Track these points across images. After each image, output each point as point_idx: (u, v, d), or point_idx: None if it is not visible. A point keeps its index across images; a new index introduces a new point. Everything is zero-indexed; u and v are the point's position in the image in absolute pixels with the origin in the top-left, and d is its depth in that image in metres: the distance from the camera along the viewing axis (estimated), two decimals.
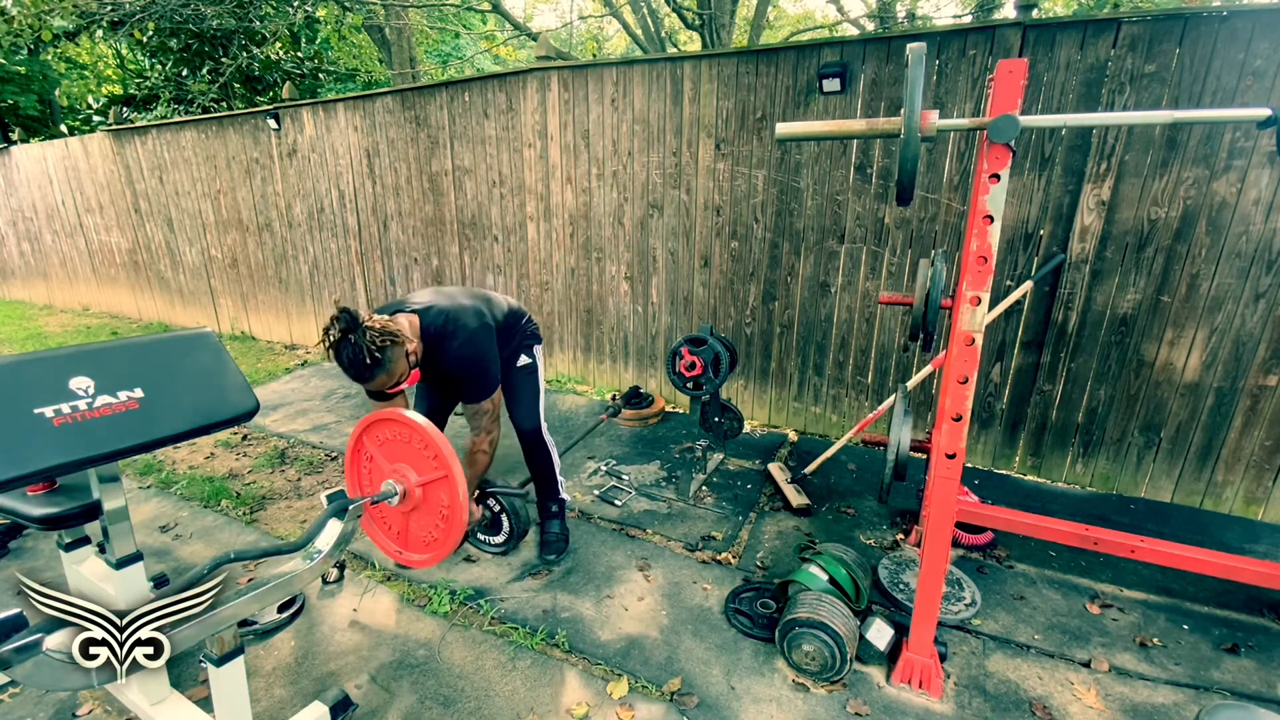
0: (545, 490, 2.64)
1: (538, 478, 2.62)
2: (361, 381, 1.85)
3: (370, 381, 1.85)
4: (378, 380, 1.86)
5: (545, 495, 2.65)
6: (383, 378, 1.86)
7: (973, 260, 1.63)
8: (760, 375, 3.82)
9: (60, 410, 1.31)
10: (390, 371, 1.86)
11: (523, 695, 1.93)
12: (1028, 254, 2.98)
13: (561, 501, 2.69)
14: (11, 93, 12.68)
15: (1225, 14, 2.46)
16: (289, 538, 2.77)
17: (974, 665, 2.02)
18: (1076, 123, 1.57)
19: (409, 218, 4.82)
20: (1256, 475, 2.80)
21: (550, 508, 2.66)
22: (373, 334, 1.79)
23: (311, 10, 9.33)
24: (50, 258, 7.89)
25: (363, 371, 1.81)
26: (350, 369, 1.80)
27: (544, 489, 2.64)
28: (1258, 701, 1.88)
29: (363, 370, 1.80)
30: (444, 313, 2.08)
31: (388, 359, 1.83)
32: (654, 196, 3.82)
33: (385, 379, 1.87)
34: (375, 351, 1.79)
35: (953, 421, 1.72)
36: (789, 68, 3.26)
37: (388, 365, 1.84)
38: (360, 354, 1.76)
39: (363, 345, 1.76)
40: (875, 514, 2.88)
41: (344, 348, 1.77)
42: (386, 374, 1.85)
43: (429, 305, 2.11)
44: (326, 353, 1.80)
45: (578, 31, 15.10)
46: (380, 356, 1.80)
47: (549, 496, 2.65)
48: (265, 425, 4.01)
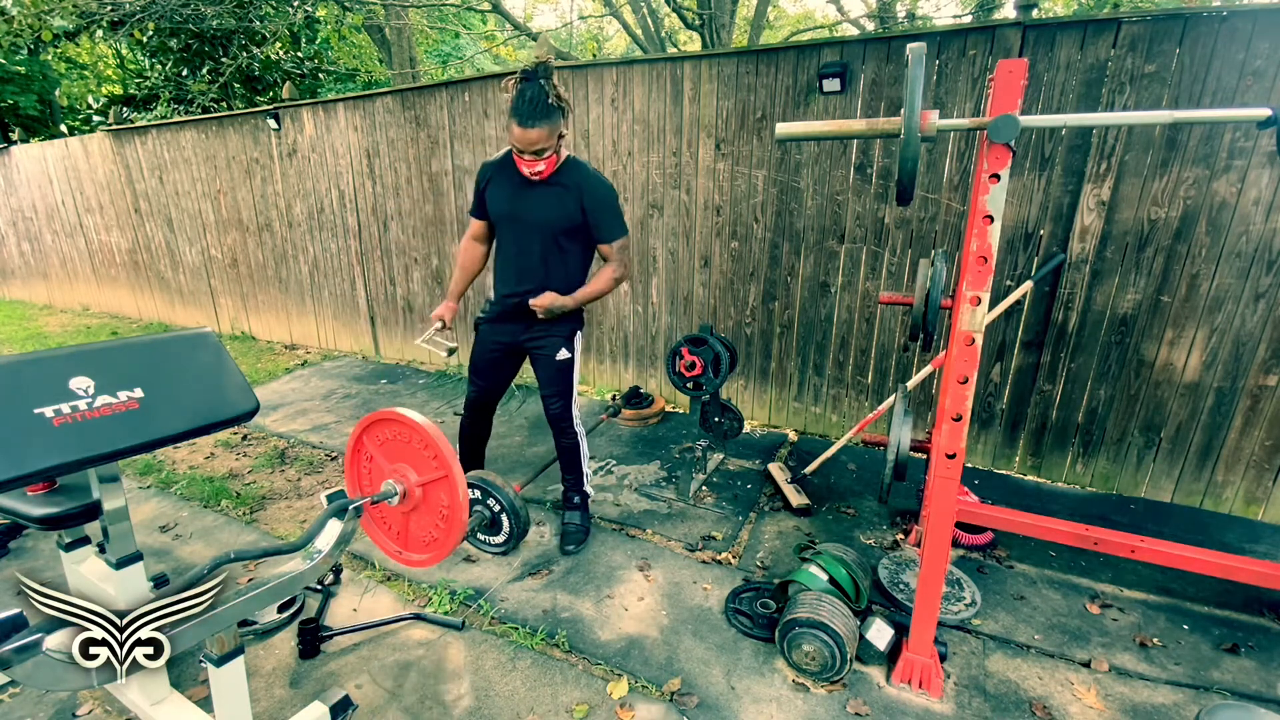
0: (570, 478, 2.66)
1: (563, 462, 2.64)
2: (527, 122, 2.05)
3: (533, 125, 2.06)
4: (538, 128, 2.06)
5: (570, 484, 2.67)
6: (544, 129, 2.07)
7: (973, 260, 1.63)
8: (760, 375, 3.82)
9: (60, 410, 1.31)
10: (551, 126, 2.08)
11: (523, 695, 1.93)
12: (1028, 254, 2.98)
13: (585, 494, 2.70)
14: (11, 93, 12.68)
15: (1225, 14, 2.46)
16: (289, 538, 2.77)
17: (974, 665, 2.02)
18: (1076, 123, 1.57)
19: (409, 218, 4.82)
20: (1256, 475, 2.80)
21: (573, 498, 2.68)
22: (556, 88, 2.06)
23: (311, 10, 9.33)
24: (50, 258, 7.89)
25: (536, 110, 2.04)
26: (528, 105, 2.03)
27: (569, 475, 2.66)
28: (1258, 701, 1.88)
29: (536, 109, 2.04)
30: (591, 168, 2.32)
31: (555, 114, 2.08)
32: (654, 196, 3.82)
33: (544, 133, 2.08)
34: (552, 100, 2.05)
35: (953, 421, 1.72)
36: (789, 68, 3.26)
37: (553, 118, 2.08)
38: (542, 95, 2.03)
39: (548, 89, 2.04)
40: (875, 514, 2.88)
41: (531, 84, 2.03)
42: (549, 126, 2.08)
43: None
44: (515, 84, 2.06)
45: (578, 31, 15.10)
46: (553, 106, 2.06)
47: (573, 486, 2.67)
48: (265, 425, 4.01)
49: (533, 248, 2.34)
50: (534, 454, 3.50)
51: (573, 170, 2.26)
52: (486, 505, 2.25)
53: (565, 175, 2.25)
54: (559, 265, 2.36)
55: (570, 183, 2.25)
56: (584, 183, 2.25)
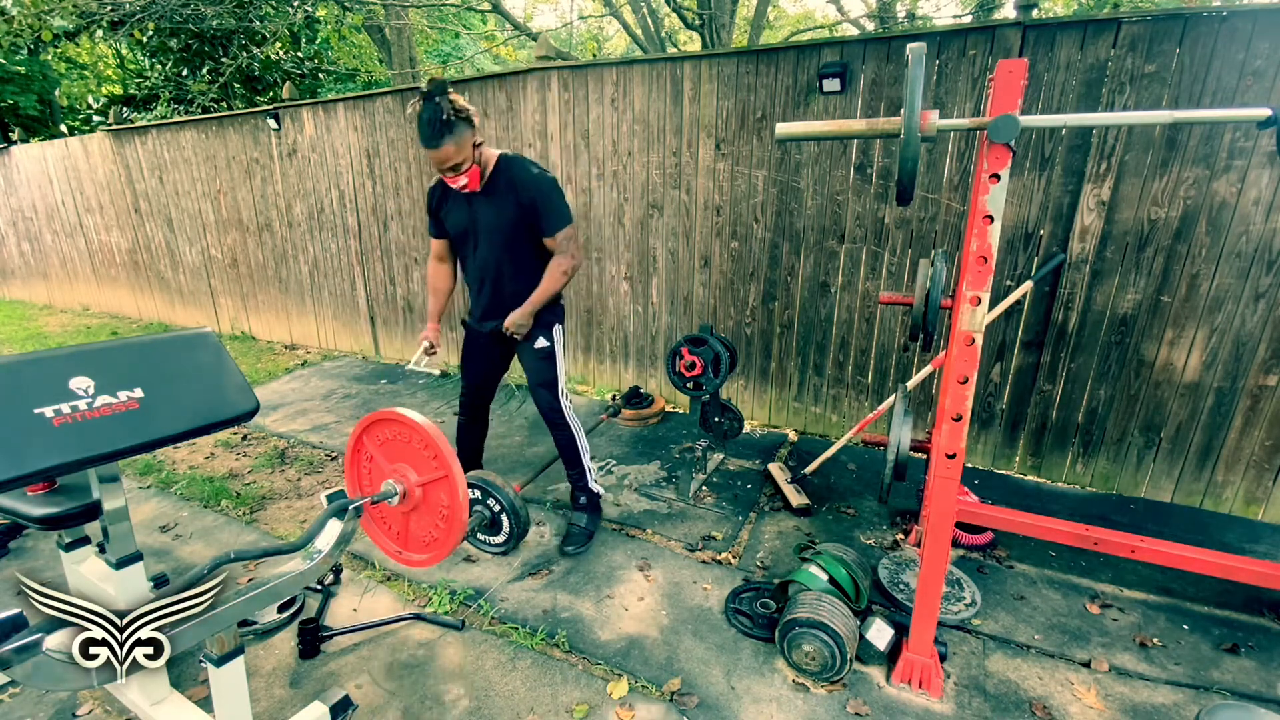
0: (572, 475, 2.64)
1: (563, 458, 2.63)
2: (431, 144, 2.05)
3: (437, 145, 2.05)
4: (443, 148, 2.06)
5: (574, 481, 2.66)
6: (450, 145, 2.06)
7: (973, 260, 1.63)
8: (760, 375, 3.82)
9: (60, 410, 1.31)
10: (457, 143, 2.06)
11: (523, 695, 1.93)
12: (1028, 254, 2.98)
13: (593, 494, 2.67)
14: (11, 93, 12.68)
15: (1225, 14, 2.46)
16: (289, 538, 2.77)
17: (974, 665, 2.02)
18: (1076, 123, 1.57)
19: (409, 218, 4.82)
20: (1256, 475, 2.80)
21: (579, 498, 2.66)
22: (454, 103, 2.02)
23: (311, 10, 9.33)
24: (50, 258, 7.89)
25: (436, 130, 2.02)
26: (426, 126, 2.01)
27: (571, 472, 2.64)
28: (1258, 701, 1.88)
29: (436, 129, 2.01)
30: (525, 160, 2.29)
31: (458, 129, 2.04)
32: (654, 196, 3.82)
33: (451, 150, 2.07)
34: (452, 115, 2.01)
35: (953, 421, 1.72)
36: (789, 68, 3.26)
37: (456, 135, 2.04)
38: (439, 113, 1.99)
39: (443, 107, 1.99)
40: (875, 514, 2.88)
41: (427, 105, 2.00)
42: (454, 144, 2.06)
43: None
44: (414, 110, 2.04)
45: (578, 31, 15.10)
46: (453, 122, 2.02)
47: (577, 486, 2.66)
48: (265, 425, 4.01)
49: (490, 257, 2.38)
50: (534, 454, 3.50)
51: (505, 171, 2.26)
52: (486, 505, 2.25)
53: (499, 179, 2.26)
54: (519, 268, 2.39)
55: (505, 185, 2.26)
56: (517, 182, 2.25)
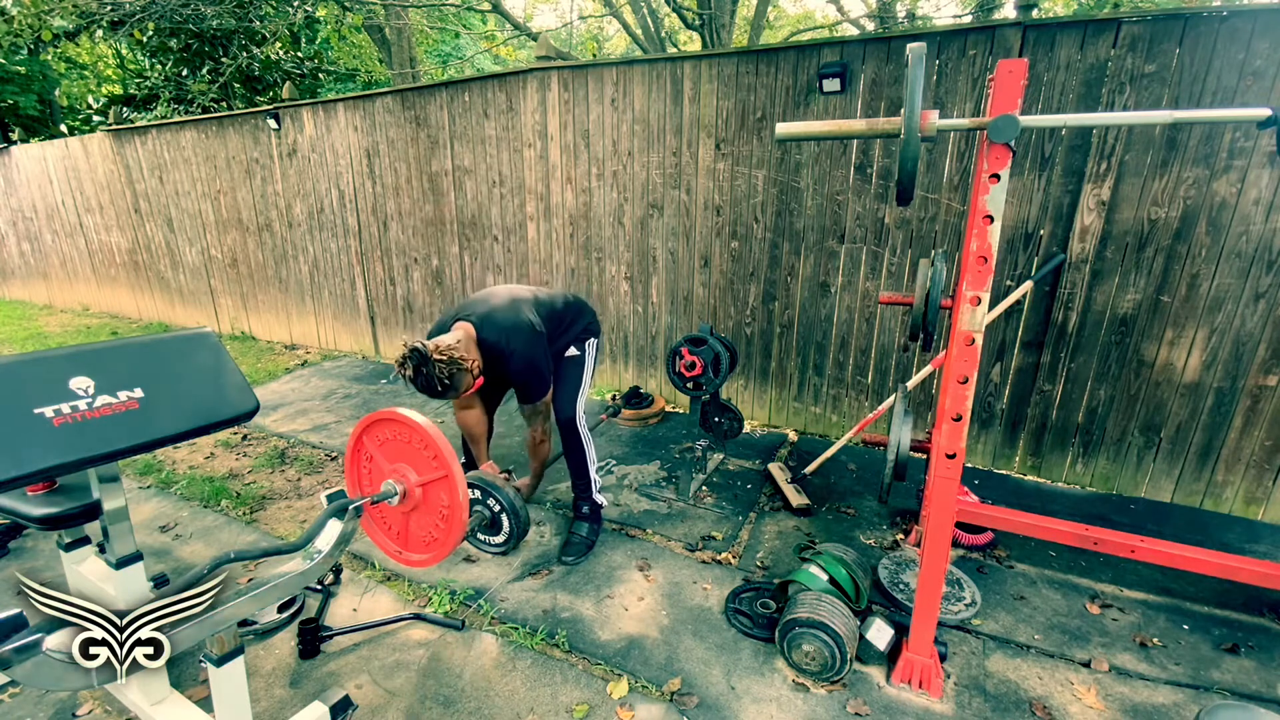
0: (577, 485, 2.68)
1: (569, 467, 2.66)
2: (437, 398, 2.21)
3: (442, 398, 2.21)
4: (450, 399, 2.25)
5: (577, 491, 2.69)
6: (452, 397, 2.24)
7: (973, 260, 1.63)
8: (760, 375, 3.82)
9: (60, 410, 1.31)
10: (459, 390, 2.22)
11: (523, 695, 1.93)
12: (1028, 254, 2.98)
13: (594, 504, 2.70)
14: (11, 93, 12.68)
15: (1225, 14, 2.46)
16: (289, 538, 2.77)
17: (974, 665, 2.02)
18: (1076, 123, 1.57)
19: (409, 218, 4.82)
20: (1256, 475, 2.80)
21: (581, 507, 2.69)
22: (440, 365, 2.11)
23: (311, 10, 9.33)
24: (50, 258, 7.89)
25: (437, 395, 2.17)
26: (427, 393, 2.16)
27: (576, 483, 2.68)
28: (1258, 701, 1.88)
29: (437, 394, 2.16)
30: (501, 330, 2.33)
31: (456, 383, 2.18)
32: (654, 196, 3.82)
33: (455, 397, 2.25)
34: (445, 379, 2.13)
35: (953, 421, 1.72)
36: (789, 68, 3.26)
37: (457, 387, 2.19)
38: (433, 383, 2.12)
39: (434, 375, 2.10)
40: (875, 514, 2.88)
41: (419, 378, 2.11)
42: (456, 394, 2.22)
43: (487, 315, 2.36)
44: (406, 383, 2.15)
45: (578, 31, 15.10)
46: (449, 383, 2.15)
47: (580, 494, 2.69)
48: (265, 425, 4.01)
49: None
50: None
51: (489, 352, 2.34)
52: (486, 505, 2.25)
53: (489, 369, 2.38)
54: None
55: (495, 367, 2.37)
56: (500, 365, 2.36)
